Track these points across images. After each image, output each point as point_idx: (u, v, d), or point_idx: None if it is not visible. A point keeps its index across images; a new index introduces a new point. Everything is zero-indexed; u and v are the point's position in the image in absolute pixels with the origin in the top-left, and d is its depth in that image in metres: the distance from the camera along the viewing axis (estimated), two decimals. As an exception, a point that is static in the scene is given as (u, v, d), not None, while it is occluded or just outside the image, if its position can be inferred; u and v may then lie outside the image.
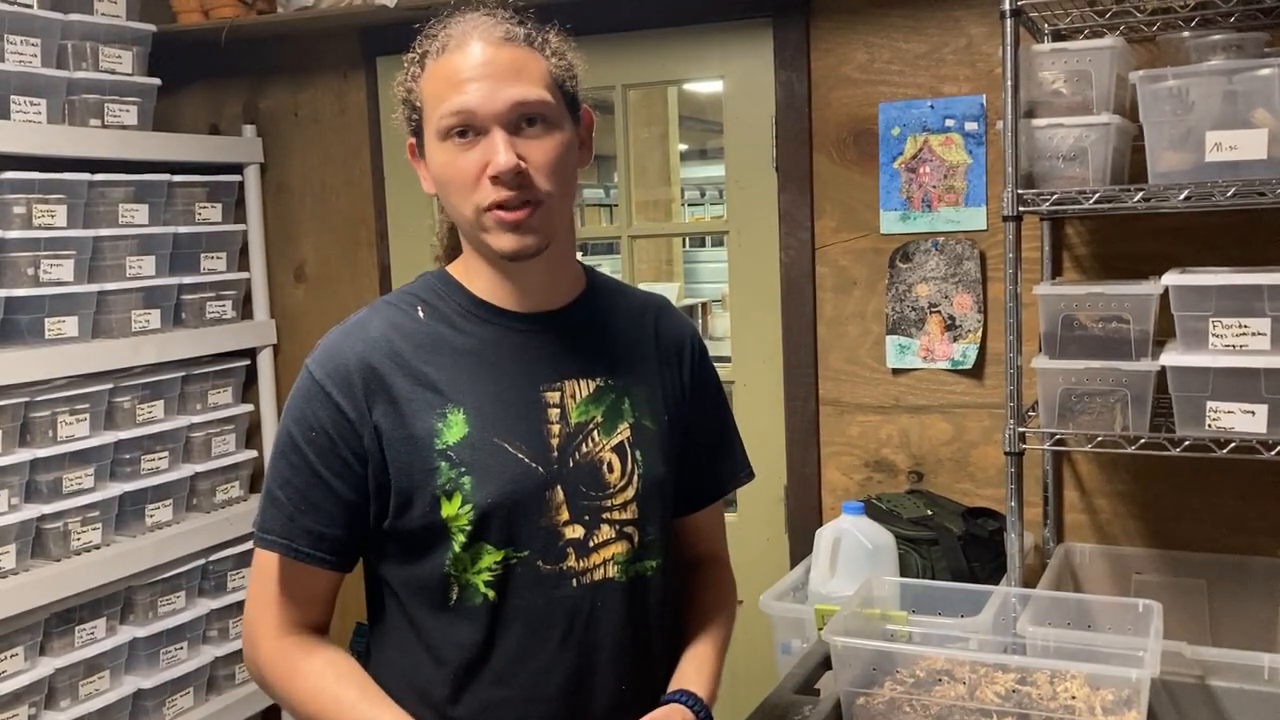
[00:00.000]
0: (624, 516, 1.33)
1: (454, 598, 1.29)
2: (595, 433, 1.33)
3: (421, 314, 1.33)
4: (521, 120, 1.24)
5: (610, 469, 1.33)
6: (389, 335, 1.30)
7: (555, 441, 1.30)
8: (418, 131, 1.31)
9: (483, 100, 1.22)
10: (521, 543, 1.28)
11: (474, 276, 1.34)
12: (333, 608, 1.36)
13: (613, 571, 1.32)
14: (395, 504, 1.28)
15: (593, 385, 1.34)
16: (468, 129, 1.23)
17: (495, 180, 1.22)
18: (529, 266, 1.30)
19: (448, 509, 1.26)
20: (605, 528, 1.32)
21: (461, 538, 1.27)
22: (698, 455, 1.47)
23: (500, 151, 1.22)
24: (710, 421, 1.50)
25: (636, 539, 1.35)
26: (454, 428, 1.27)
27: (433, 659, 1.31)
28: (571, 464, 1.31)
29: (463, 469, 1.26)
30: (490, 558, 1.28)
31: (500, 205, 1.23)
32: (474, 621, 1.29)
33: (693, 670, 1.39)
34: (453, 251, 1.40)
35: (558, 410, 1.32)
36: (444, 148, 1.26)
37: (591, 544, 1.31)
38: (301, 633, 1.32)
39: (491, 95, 1.22)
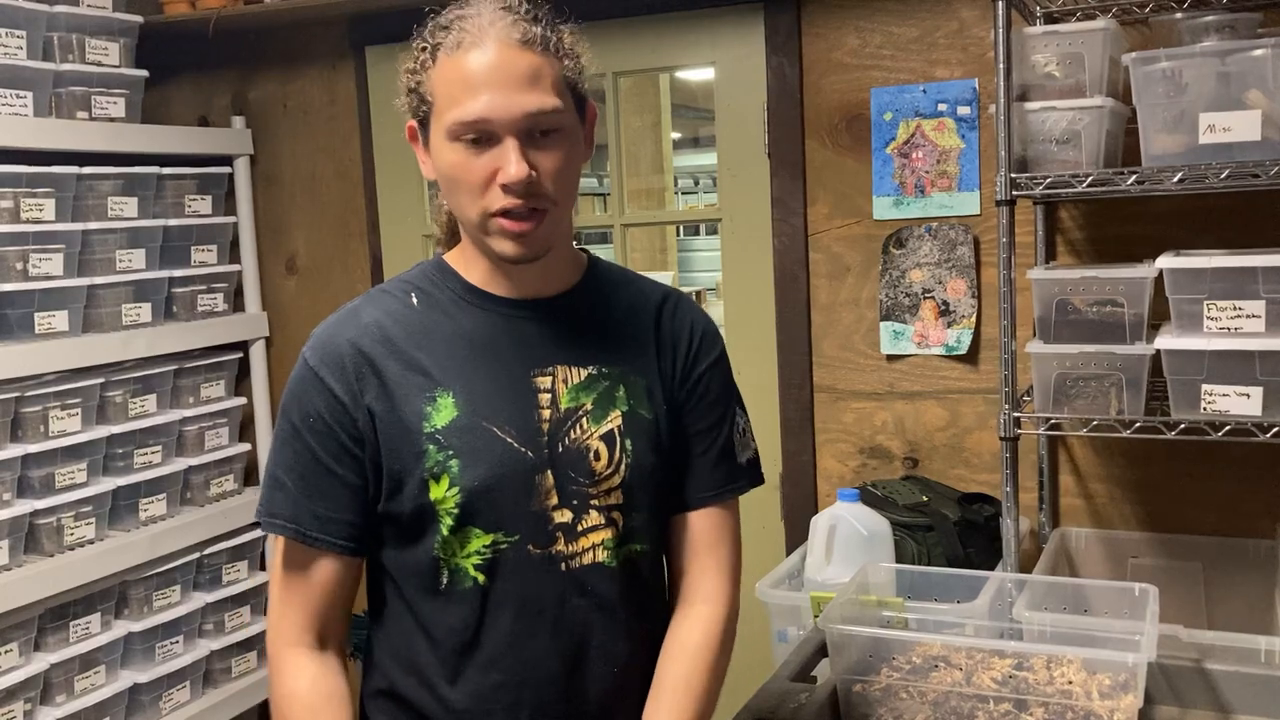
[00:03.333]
0: (610, 502, 1.33)
1: (445, 581, 1.30)
2: (584, 420, 1.32)
3: (415, 301, 1.34)
4: (534, 129, 1.23)
5: (597, 457, 1.32)
6: (381, 321, 1.31)
7: (545, 426, 1.30)
8: (423, 121, 1.29)
9: (497, 109, 1.21)
10: (511, 527, 1.29)
11: (470, 265, 1.35)
12: (347, 610, 1.35)
13: (602, 555, 1.32)
14: (387, 487, 1.29)
15: (585, 372, 1.34)
16: (480, 135, 1.22)
17: (505, 188, 1.22)
18: None
19: (435, 492, 1.27)
20: (593, 513, 1.32)
21: (449, 521, 1.27)
22: (691, 453, 1.40)
23: (513, 163, 1.21)
24: (703, 422, 1.41)
25: (622, 524, 1.34)
26: (442, 411, 1.28)
27: (428, 642, 1.32)
28: (561, 449, 1.31)
29: (450, 452, 1.27)
30: (479, 541, 1.28)
31: (507, 213, 1.23)
32: (465, 605, 1.30)
33: None
34: (452, 237, 1.40)
35: (549, 395, 1.31)
36: (454, 148, 1.24)
37: (580, 528, 1.31)
38: (309, 645, 1.31)
39: (506, 105, 1.21)
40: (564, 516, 1.31)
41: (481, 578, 1.29)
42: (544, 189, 1.24)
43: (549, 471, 1.30)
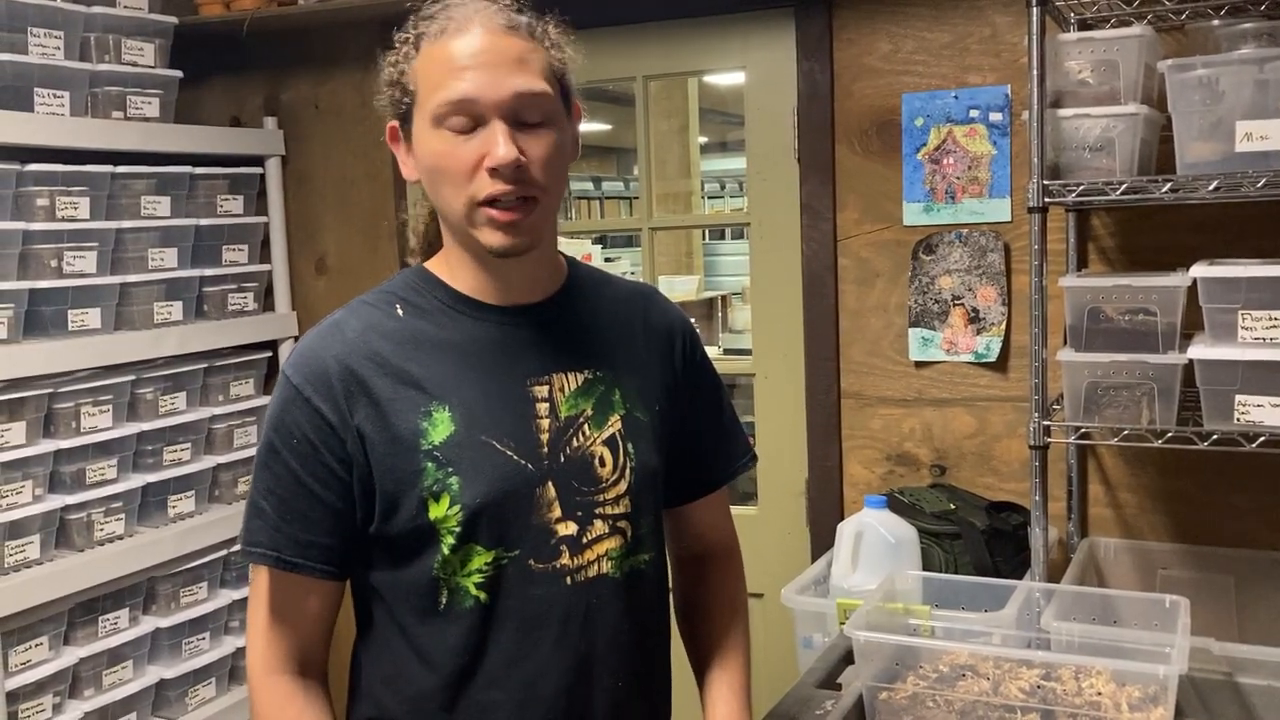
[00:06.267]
0: (617, 511, 1.30)
1: (444, 601, 1.25)
2: (586, 426, 1.29)
3: (400, 311, 1.29)
4: (522, 113, 1.20)
5: (602, 463, 1.29)
6: (367, 335, 1.26)
7: (545, 437, 1.27)
8: (404, 116, 1.27)
9: (484, 89, 1.18)
10: (512, 542, 1.24)
11: (455, 271, 1.30)
12: (328, 637, 1.30)
13: (607, 568, 1.29)
14: (381, 508, 1.24)
15: (581, 378, 1.31)
16: (466, 118, 1.19)
17: (493, 173, 1.19)
18: (512, 261, 1.26)
19: (436, 511, 1.22)
20: (599, 523, 1.29)
21: (451, 540, 1.23)
22: (697, 443, 1.45)
23: (501, 144, 1.17)
24: (707, 408, 1.47)
25: (630, 533, 1.32)
26: (440, 426, 1.23)
27: (424, 666, 1.27)
28: (562, 459, 1.27)
29: (450, 469, 1.22)
30: (480, 559, 1.24)
31: (495, 200, 1.20)
32: (465, 625, 1.25)
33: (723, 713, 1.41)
34: (430, 247, 1.37)
35: (546, 405, 1.28)
36: (438, 135, 1.21)
37: (585, 540, 1.28)
38: (293, 671, 1.27)
39: (494, 84, 1.18)
40: (568, 529, 1.27)
41: (483, 596, 1.24)
42: (533, 175, 1.20)
43: (550, 483, 1.26)
